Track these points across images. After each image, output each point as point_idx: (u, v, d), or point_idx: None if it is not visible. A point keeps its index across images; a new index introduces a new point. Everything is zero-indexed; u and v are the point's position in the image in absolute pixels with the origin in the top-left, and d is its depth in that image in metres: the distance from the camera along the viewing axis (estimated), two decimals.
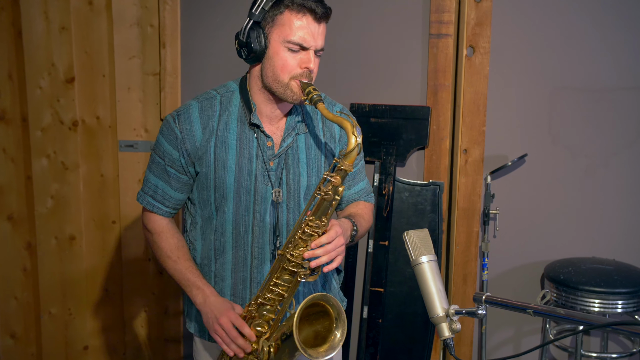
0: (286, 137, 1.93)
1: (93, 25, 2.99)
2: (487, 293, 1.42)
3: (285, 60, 1.81)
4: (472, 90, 2.83)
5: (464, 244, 2.91)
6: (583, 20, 2.80)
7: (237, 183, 1.88)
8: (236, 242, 1.93)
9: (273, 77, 1.84)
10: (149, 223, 1.99)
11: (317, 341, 1.79)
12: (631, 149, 2.86)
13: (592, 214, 2.91)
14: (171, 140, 1.88)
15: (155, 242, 1.98)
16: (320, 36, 1.83)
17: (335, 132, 2.03)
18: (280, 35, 1.80)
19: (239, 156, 1.88)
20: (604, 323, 1.20)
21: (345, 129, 1.76)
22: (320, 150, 2.00)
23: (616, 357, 2.82)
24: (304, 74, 1.83)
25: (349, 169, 1.76)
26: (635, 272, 2.72)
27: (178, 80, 2.99)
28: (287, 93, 1.84)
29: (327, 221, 1.79)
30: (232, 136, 1.89)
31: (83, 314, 3.18)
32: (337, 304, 1.77)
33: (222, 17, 2.96)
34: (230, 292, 1.95)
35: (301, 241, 1.79)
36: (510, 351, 3.03)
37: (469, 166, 2.87)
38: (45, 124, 3.02)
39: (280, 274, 1.82)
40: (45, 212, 3.08)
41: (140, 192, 1.98)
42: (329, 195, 1.76)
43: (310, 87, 1.80)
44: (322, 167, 1.99)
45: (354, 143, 1.75)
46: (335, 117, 1.78)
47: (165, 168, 1.91)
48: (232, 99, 1.93)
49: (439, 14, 2.81)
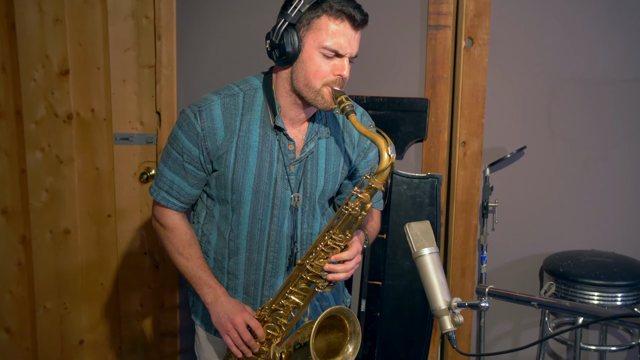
0: (309, 142, 1.89)
1: (87, 17, 2.96)
2: (490, 285, 1.41)
3: (319, 66, 1.76)
4: (471, 83, 2.81)
5: (462, 237, 2.90)
6: (582, 12, 2.79)
7: (256, 186, 1.85)
8: (250, 245, 1.90)
9: (305, 82, 1.78)
10: (162, 217, 1.96)
11: (329, 353, 1.78)
12: (631, 142, 2.85)
13: (591, 207, 2.90)
14: (191, 136, 1.83)
15: (167, 237, 1.95)
16: (356, 43, 1.78)
17: (354, 138, 1.99)
18: (315, 40, 1.74)
19: (260, 159, 1.84)
20: (610, 315, 1.19)
21: (378, 146, 1.71)
22: (339, 155, 1.96)
23: (615, 350, 2.82)
24: (336, 81, 1.78)
25: (379, 187, 1.72)
26: (634, 264, 2.71)
27: (174, 72, 2.96)
28: (317, 99, 1.79)
29: (350, 236, 1.77)
30: (255, 137, 1.84)
31: (78, 308, 3.16)
32: (356, 320, 1.76)
33: (218, 9, 2.93)
34: (242, 290, 1.94)
35: (322, 253, 1.77)
36: (509, 345, 3.02)
37: (467, 159, 2.85)
38: (39, 117, 2.99)
39: (298, 283, 1.81)
40: (39, 206, 3.05)
41: (154, 186, 1.93)
42: (355, 211, 1.73)
43: (343, 96, 1.75)
44: (339, 173, 1.96)
45: (387, 162, 1.69)
46: (369, 132, 1.72)
47: (183, 164, 1.86)
48: (256, 98, 1.86)
49: (437, 5, 2.78)
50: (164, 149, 1.92)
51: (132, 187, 3.05)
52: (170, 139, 1.89)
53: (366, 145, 2.00)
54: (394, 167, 1.73)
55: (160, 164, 1.93)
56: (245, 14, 2.91)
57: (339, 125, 1.97)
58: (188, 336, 3.17)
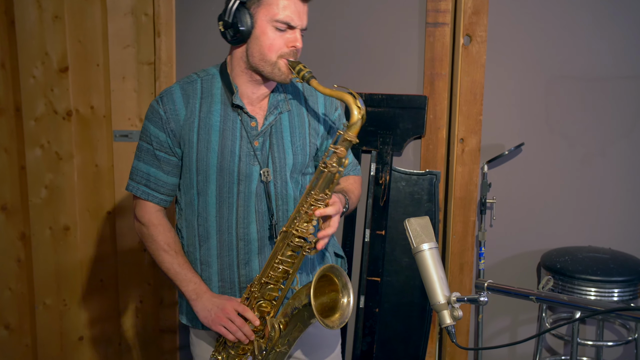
0: (268, 116, 1.93)
1: (87, 14, 2.96)
2: (489, 280, 1.42)
3: (272, 39, 1.81)
4: (469, 79, 2.82)
5: (460, 233, 2.91)
6: (580, 8, 2.80)
7: (220, 164, 1.88)
8: (220, 225, 1.92)
9: (260, 57, 1.83)
10: (145, 215, 1.96)
11: (327, 312, 1.82)
12: (628, 138, 2.87)
13: (588, 203, 2.92)
14: (156, 122, 1.88)
15: (150, 235, 1.96)
16: (305, 15, 1.85)
17: (319, 109, 2.03)
18: (267, 15, 1.80)
19: (222, 137, 1.88)
20: (608, 309, 1.20)
21: (346, 102, 1.77)
22: (304, 128, 1.99)
23: (612, 345, 2.83)
24: (291, 52, 1.83)
25: (353, 139, 1.77)
26: (631, 260, 2.73)
27: (173, 69, 2.97)
28: (274, 72, 1.84)
29: (330, 194, 1.81)
30: (216, 118, 1.89)
31: (78, 304, 3.17)
32: (343, 274, 1.81)
33: (217, 6, 2.91)
34: (217, 278, 1.95)
35: (305, 215, 1.80)
36: (506, 340, 3.03)
37: (465, 155, 2.87)
38: (39, 114, 3.00)
39: (284, 251, 1.83)
40: (39, 203, 3.06)
41: (130, 183, 1.95)
42: (333, 167, 1.78)
43: (300, 64, 1.81)
44: (307, 145, 1.99)
45: (358, 114, 1.76)
46: (333, 91, 1.79)
47: (154, 153, 1.90)
48: (214, 82, 1.93)
49: (435, 3, 2.80)
50: (137, 147, 1.96)
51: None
52: (140, 134, 1.95)
53: (335, 117, 2.05)
54: (364, 119, 1.78)
55: (134, 161, 1.95)
56: None
57: (301, 98, 2.01)
58: (187, 333, 3.17)
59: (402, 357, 2.92)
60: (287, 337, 1.85)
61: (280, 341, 1.86)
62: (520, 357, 3.03)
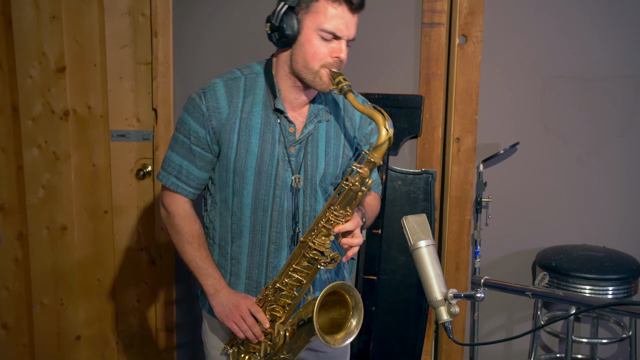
0: (308, 124, 1.93)
1: (84, 14, 2.97)
2: (485, 276, 1.44)
3: (317, 48, 1.81)
4: (465, 79, 2.84)
5: (456, 232, 2.93)
6: (575, 8, 2.82)
7: (258, 167, 1.89)
8: (254, 226, 1.94)
9: (303, 64, 1.84)
10: (172, 205, 1.98)
11: (333, 329, 1.82)
12: (623, 138, 2.89)
13: (583, 202, 2.94)
14: (197, 117, 1.88)
15: (177, 225, 1.97)
16: (354, 26, 1.84)
17: (355, 122, 2.03)
18: (314, 23, 1.80)
19: (262, 140, 1.88)
20: (602, 304, 1.22)
21: (376, 122, 1.76)
22: (339, 139, 2.00)
23: (606, 342, 2.86)
24: (334, 63, 1.83)
25: (378, 162, 1.76)
26: (625, 258, 2.75)
27: (170, 69, 2.98)
28: (316, 81, 1.84)
29: (351, 212, 1.80)
30: (257, 120, 1.89)
31: (75, 304, 3.17)
32: (356, 294, 1.80)
33: (214, 6, 2.94)
34: (245, 275, 1.97)
35: (324, 230, 1.81)
36: (502, 338, 3.05)
37: (461, 155, 2.89)
38: (36, 114, 3.00)
39: (300, 261, 1.84)
40: (36, 202, 3.07)
41: (162, 172, 1.97)
42: (355, 186, 1.77)
43: (341, 76, 1.81)
44: (340, 157, 2.00)
45: (385, 136, 1.74)
46: (366, 108, 1.78)
47: (190, 147, 1.91)
48: (257, 82, 1.92)
49: (431, 3, 2.81)
50: (172, 136, 1.97)
51: (129, 184, 3.07)
52: (177, 125, 1.94)
53: (367, 130, 2.05)
54: (391, 142, 1.77)
55: (168, 151, 1.97)
56: (241, 11, 2.93)
57: (340, 110, 2.02)
58: (185, 332, 3.19)
59: (399, 355, 2.94)
60: (291, 345, 1.87)
61: (285, 348, 1.87)
62: (516, 355, 3.05)
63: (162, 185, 1.99)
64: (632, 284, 2.67)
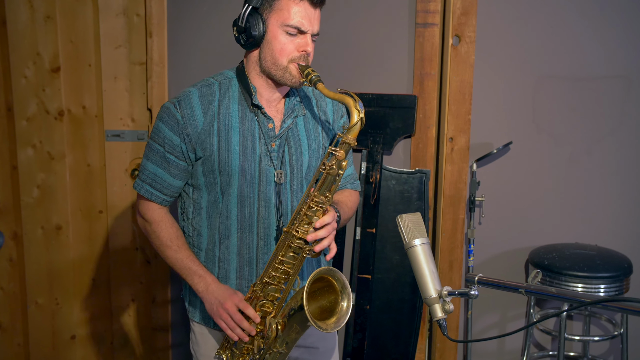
0: (286, 119, 1.97)
1: (78, 14, 2.97)
2: (479, 274, 1.46)
3: (283, 44, 1.86)
4: (458, 79, 2.86)
5: (450, 230, 2.95)
6: (567, 9, 2.85)
7: (241, 165, 1.91)
8: (241, 224, 1.95)
9: (272, 61, 1.89)
10: (147, 212, 2.00)
11: (324, 315, 1.83)
12: (614, 137, 2.92)
13: (575, 201, 2.97)
14: (172, 125, 1.90)
15: (154, 232, 1.99)
16: (316, 21, 1.89)
17: (329, 116, 2.09)
18: (278, 20, 1.85)
19: (242, 138, 1.92)
20: (595, 300, 1.24)
21: (347, 105, 1.81)
22: (318, 132, 2.05)
23: (598, 340, 2.88)
24: (301, 57, 1.88)
25: (352, 142, 1.81)
26: (617, 257, 2.78)
27: (165, 69, 2.99)
28: (285, 76, 1.89)
29: (331, 196, 1.84)
30: (235, 119, 1.92)
31: (70, 303, 3.18)
32: (342, 277, 1.83)
33: (209, 6, 2.95)
34: (236, 275, 1.98)
35: (306, 217, 1.84)
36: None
37: (454, 154, 2.91)
38: (30, 114, 3.01)
39: (286, 252, 1.86)
40: (31, 202, 3.07)
41: (137, 181, 1.99)
42: (333, 169, 1.81)
43: (309, 68, 1.85)
44: (320, 149, 2.05)
45: (357, 117, 1.80)
46: (336, 94, 1.83)
47: (164, 155, 1.93)
48: (231, 85, 1.96)
49: (425, 3, 2.83)
50: (146, 145, 1.98)
51: (124, 184, 3.08)
52: (151, 134, 1.96)
53: (341, 123, 2.11)
54: (364, 123, 1.81)
55: (143, 159, 1.99)
56: (235, 11, 2.88)
57: (313, 104, 2.07)
58: (180, 331, 3.20)
59: (393, 353, 2.95)
60: (284, 337, 1.88)
61: (278, 341, 1.88)
62: (509, 353, 3.08)
63: (138, 194, 2.01)
64: (624, 282, 2.70)
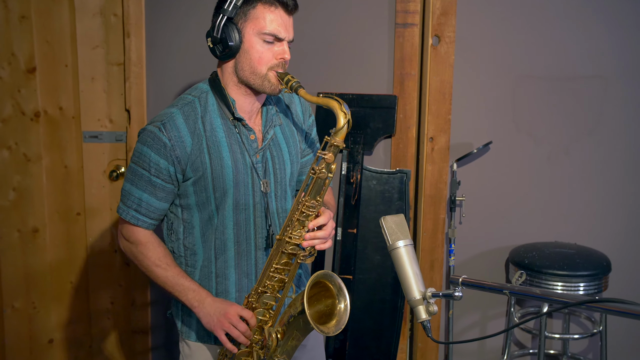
0: (269, 129, 1.97)
1: (54, 14, 2.93)
2: (463, 275, 1.46)
3: (261, 52, 1.86)
4: (438, 79, 2.87)
5: (430, 230, 2.96)
6: (547, 9, 2.86)
7: (235, 178, 1.90)
8: (238, 237, 1.94)
9: (250, 70, 1.88)
10: (132, 235, 1.96)
11: (322, 319, 1.84)
12: (591, 137, 2.95)
13: (554, 200, 2.99)
14: (158, 149, 1.85)
15: (141, 253, 1.95)
16: (291, 28, 1.90)
17: (299, 117, 2.10)
18: (254, 29, 1.85)
19: (231, 151, 1.91)
20: (578, 301, 1.25)
21: (333, 108, 1.81)
22: (294, 137, 2.06)
23: (578, 337, 2.91)
24: (280, 64, 1.88)
25: (340, 144, 1.81)
26: (595, 255, 2.80)
27: (143, 70, 2.96)
28: (265, 84, 1.89)
29: (321, 200, 1.84)
30: (220, 133, 1.91)
31: (47, 307, 3.13)
32: (337, 279, 1.83)
33: (187, 7, 2.93)
34: (235, 288, 1.97)
35: (298, 223, 1.84)
36: (476, 335, 3.08)
37: (435, 154, 2.91)
38: (6, 115, 2.96)
39: (280, 259, 1.85)
40: (7, 205, 3.02)
41: (121, 206, 1.94)
42: (322, 173, 1.81)
43: (288, 75, 1.86)
44: (298, 153, 2.06)
45: (344, 119, 1.80)
46: (319, 99, 1.84)
47: (150, 179, 1.88)
48: (208, 99, 1.94)
49: (404, 4, 2.83)
50: (128, 168, 1.94)
51: (102, 185, 3.04)
52: (134, 158, 1.90)
53: (310, 122, 2.13)
54: (350, 124, 1.82)
55: (126, 184, 1.93)
56: None
57: (286, 108, 2.08)
58: (159, 334, 3.17)
59: (375, 354, 2.95)
60: (284, 346, 1.87)
61: (278, 350, 1.87)
62: (490, 351, 3.09)
63: (120, 218, 1.97)
64: (603, 280, 2.72)
